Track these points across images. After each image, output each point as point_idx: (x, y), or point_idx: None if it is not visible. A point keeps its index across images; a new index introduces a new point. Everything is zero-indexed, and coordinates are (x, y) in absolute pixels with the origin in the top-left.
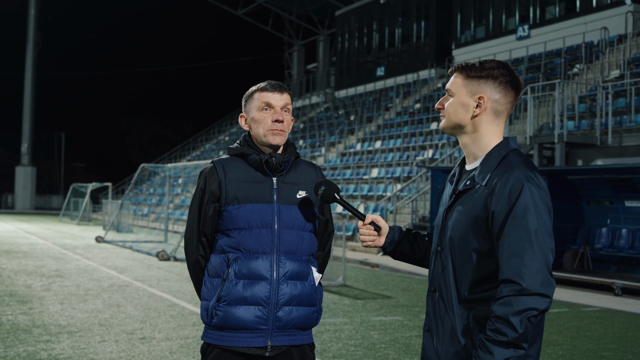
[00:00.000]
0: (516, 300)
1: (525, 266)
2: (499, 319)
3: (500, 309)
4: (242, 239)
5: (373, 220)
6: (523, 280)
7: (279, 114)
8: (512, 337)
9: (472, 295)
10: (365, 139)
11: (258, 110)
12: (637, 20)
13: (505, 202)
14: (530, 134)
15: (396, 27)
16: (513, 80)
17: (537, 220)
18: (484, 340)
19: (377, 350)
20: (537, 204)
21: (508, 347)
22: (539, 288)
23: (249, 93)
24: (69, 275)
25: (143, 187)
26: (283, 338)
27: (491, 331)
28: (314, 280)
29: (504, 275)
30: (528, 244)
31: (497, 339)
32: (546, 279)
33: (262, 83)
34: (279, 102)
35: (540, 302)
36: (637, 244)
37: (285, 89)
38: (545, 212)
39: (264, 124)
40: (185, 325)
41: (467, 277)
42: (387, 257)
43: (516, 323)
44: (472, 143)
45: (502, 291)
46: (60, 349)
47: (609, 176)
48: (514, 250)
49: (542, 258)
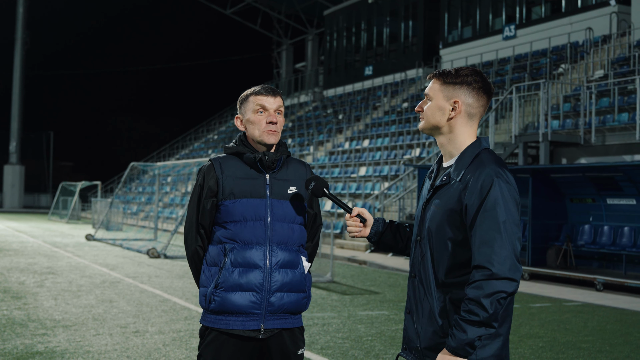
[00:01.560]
0: (487, 284)
1: (494, 253)
2: (471, 301)
3: (473, 292)
4: (238, 230)
5: (359, 213)
6: (493, 266)
7: (272, 116)
8: (484, 317)
9: (449, 280)
10: (353, 137)
11: (253, 112)
12: (621, 21)
13: (477, 196)
14: (515, 132)
15: (384, 26)
16: (485, 86)
17: (505, 212)
18: (458, 320)
19: (364, 343)
20: (506, 198)
21: (480, 326)
22: (507, 273)
23: (245, 96)
24: (61, 272)
25: (132, 186)
26: (275, 322)
27: (465, 312)
28: (303, 269)
29: (476, 261)
30: (497, 234)
31: (470, 318)
32: (514, 264)
33: (257, 87)
34: (272, 104)
35: (509, 285)
36: (618, 240)
37: (278, 92)
38: (513, 205)
39: (259, 125)
40: (177, 320)
41: (443, 263)
42: (375, 254)
43: (487, 304)
44: (448, 143)
45: (474, 276)
46: (56, 342)
47: (591, 174)
48: (484, 239)
49: (510, 246)
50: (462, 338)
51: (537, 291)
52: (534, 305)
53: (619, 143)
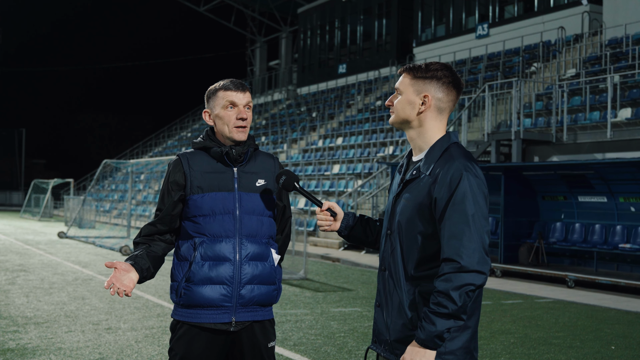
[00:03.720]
0: (455, 277)
1: (463, 246)
2: (440, 294)
3: (442, 284)
4: (207, 224)
5: (330, 207)
6: (462, 258)
7: (242, 112)
8: (452, 310)
9: (418, 273)
10: (327, 135)
11: (223, 108)
12: (593, 20)
13: (446, 189)
14: (488, 130)
15: (358, 24)
16: (455, 81)
17: (474, 205)
18: (427, 313)
19: (337, 339)
20: (474, 191)
21: (449, 319)
22: (475, 265)
23: (213, 90)
24: (33, 270)
25: (105, 184)
26: (246, 314)
27: (434, 304)
28: (273, 261)
29: (445, 254)
30: (466, 227)
31: (439, 311)
32: (482, 257)
33: (225, 81)
34: (242, 100)
35: (477, 278)
36: (589, 237)
37: (247, 87)
38: (482, 199)
39: (228, 122)
40: (150, 316)
41: (413, 257)
42: (348, 251)
43: (455, 297)
44: (417, 137)
45: (443, 269)
46: (27, 338)
47: (563, 172)
48: (453, 232)
49: (478, 239)
50: (431, 330)
51: (509, 288)
52: (505, 302)
53: (591, 141)
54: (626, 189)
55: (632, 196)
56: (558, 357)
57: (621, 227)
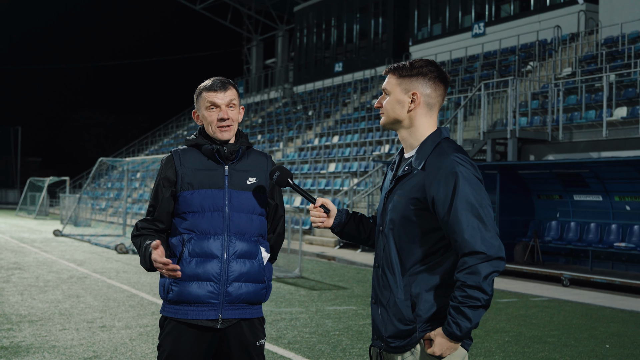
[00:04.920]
0: (483, 267)
1: (483, 237)
2: (471, 287)
3: (471, 277)
4: (196, 221)
5: (323, 204)
6: (486, 248)
7: (223, 112)
8: (485, 300)
9: (412, 269)
10: (323, 134)
11: (206, 109)
12: (589, 19)
13: (444, 186)
14: (483, 129)
15: (354, 23)
16: (441, 76)
17: (478, 195)
18: (460, 308)
19: (331, 337)
20: (472, 183)
21: (481, 309)
22: (498, 252)
23: (198, 91)
24: (27, 268)
25: (101, 182)
26: (233, 312)
27: (465, 298)
28: (262, 259)
29: (467, 248)
30: (477, 218)
31: (474, 304)
32: (499, 243)
33: (208, 81)
34: (223, 100)
35: (500, 264)
36: (585, 236)
37: (229, 85)
38: (481, 187)
39: (211, 122)
40: (144, 315)
41: (407, 253)
42: (344, 250)
43: (487, 287)
44: (409, 135)
45: (467, 262)
46: (21, 336)
47: (558, 171)
48: (468, 225)
49: (492, 228)
50: (467, 326)
51: (504, 286)
52: (500, 301)
53: (586, 140)
54: (621, 188)
55: (627, 195)
56: (552, 355)
57: (616, 226)
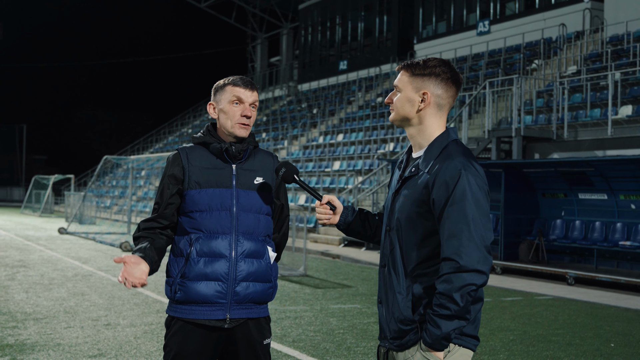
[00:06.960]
0: (456, 277)
1: (462, 246)
2: (442, 295)
3: (443, 285)
4: (203, 220)
5: (329, 201)
6: (461, 258)
7: (247, 110)
8: (455, 311)
9: (417, 271)
10: (327, 132)
11: (229, 103)
12: (594, 17)
13: (445, 188)
14: (488, 127)
15: (359, 21)
16: (454, 77)
17: (473, 204)
18: (431, 316)
19: (336, 336)
20: (474, 189)
21: (453, 320)
22: (475, 265)
23: (221, 84)
24: (32, 266)
25: (106, 179)
26: (241, 311)
27: (436, 306)
28: (269, 259)
29: (444, 254)
30: (465, 226)
31: (443, 313)
32: (482, 256)
33: (235, 77)
34: (249, 98)
35: (477, 277)
36: (590, 235)
37: (255, 87)
38: (482, 196)
39: (232, 117)
40: (149, 313)
41: (412, 254)
42: (348, 248)
43: (457, 298)
44: (417, 134)
45: (442, 269)
46: (27, 334)
47: (563, 169)
48: (453, 232)
49: (478, 238)
50: (436, 334)
51: (509, 285)
52: (505, 299)
53: (591, 138)
54: (626, 187)
55: (632, 194)
56: (557, 354)
57: (621, 225)
